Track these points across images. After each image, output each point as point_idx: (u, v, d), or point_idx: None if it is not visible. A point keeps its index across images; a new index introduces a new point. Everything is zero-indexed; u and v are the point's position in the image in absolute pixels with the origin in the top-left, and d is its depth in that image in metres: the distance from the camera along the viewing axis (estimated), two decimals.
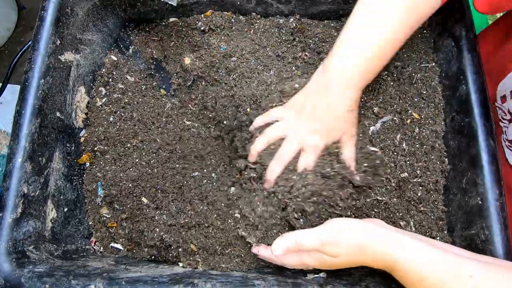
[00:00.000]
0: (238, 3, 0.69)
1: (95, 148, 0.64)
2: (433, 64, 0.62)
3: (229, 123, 0.63)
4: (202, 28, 0.70)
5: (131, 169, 0.63)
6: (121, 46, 0.73)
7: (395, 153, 0.58)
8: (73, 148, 0.63)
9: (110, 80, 0.69)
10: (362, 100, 0.61)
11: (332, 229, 0.44)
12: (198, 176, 0.62)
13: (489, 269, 0.39)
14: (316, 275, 0.51)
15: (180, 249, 0.57)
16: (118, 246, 0.61)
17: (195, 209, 0.59)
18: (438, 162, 0.57)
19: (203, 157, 0.64)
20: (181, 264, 0.57)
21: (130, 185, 0.61)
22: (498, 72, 0.59)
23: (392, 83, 0.62)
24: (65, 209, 0.60)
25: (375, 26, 0.49)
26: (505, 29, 0.63)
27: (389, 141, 0.59)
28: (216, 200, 0.59)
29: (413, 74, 0.61)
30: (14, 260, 0.49)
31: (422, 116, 0.59)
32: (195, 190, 0.60)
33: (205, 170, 0.63)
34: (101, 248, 0.62)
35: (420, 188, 0.56)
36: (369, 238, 0.42)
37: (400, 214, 0.56)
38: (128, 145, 0.64)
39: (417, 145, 0.58)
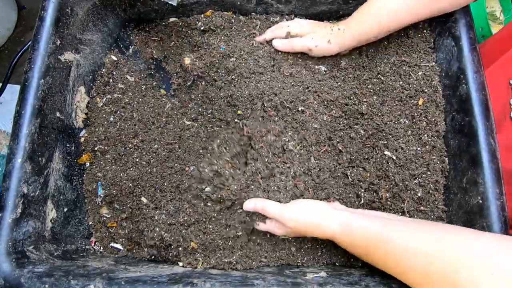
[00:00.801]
0: (238, 3, 0.69)
1: (95, 148, 0.64)
2: (433, 63, 0.62)
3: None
4: (202, 28, 0.70)
5: (131, 169, 0.63)
6: (121, 46, 0.73)
7: (395, 153, 0.58)
8: (73, 148, 0.63)
9: (110, 80, 0.69)
10: (364, 98, 0.61)
11: (294, 207, 0.53)
12: (194, 171, 0.62)
13: (404, 223, 0.47)
14: (316, 275, 0.51)
15: (180, 248, 0.57)
16: (118, 246, 0.61)
17: (192, 207, 0.59)
18: (438, 162, 0.57)
19: (202, 156, 0.64)
20: (181, 264, 0.57)
21: (130, 184, 0.61)
22: None
23: (392, 83, 0.62)
24: (65, 209, 0.60)
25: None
26: None
27: (389, 141, 0.59)
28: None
29: (413, 74, 0.61)
30: (14, 260, 0.49)
31: (423, 116, 0.59)
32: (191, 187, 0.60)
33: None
34: (101, 248, 0.62)
35: (420, 188, 0.56)
36: (320, 218, 0.51)
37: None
38: (129, 145, 0.64)
39: (418, 145, 0.58)
